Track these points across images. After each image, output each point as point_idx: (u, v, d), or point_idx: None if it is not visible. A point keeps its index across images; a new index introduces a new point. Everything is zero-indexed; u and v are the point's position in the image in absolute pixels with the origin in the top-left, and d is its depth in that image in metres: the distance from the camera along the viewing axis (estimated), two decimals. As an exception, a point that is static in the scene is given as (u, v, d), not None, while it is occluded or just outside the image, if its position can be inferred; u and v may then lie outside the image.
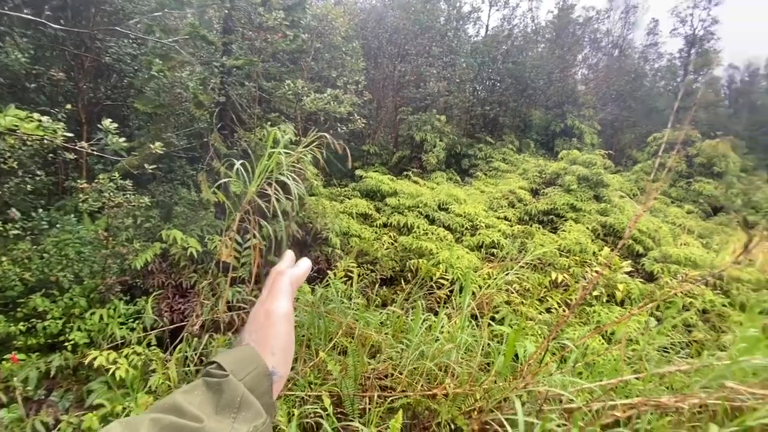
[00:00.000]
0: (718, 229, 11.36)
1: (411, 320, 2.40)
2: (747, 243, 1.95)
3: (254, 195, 2.00)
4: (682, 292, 6.60)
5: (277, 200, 1.98)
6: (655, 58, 30.10)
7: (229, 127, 6.50)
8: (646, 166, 14.93)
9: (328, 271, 3.52)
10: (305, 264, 0.73)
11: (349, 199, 9.78)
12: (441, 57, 15.01)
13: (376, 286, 5.79)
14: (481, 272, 6.18)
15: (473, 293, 4.34)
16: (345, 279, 3.39)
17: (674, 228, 10.77)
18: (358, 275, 3.96)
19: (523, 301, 6.51)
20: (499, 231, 8.80)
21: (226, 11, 6.30)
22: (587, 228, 9.19)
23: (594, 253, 8.69)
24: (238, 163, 2.04)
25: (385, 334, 2.34)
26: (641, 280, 7.67)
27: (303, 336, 2.33)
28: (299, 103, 7.33)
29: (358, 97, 9.18)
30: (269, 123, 6.46)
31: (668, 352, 2.77)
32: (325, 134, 2.36)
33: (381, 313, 2.70)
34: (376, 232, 8.69)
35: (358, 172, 10.99)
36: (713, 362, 1.87)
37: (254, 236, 2.17)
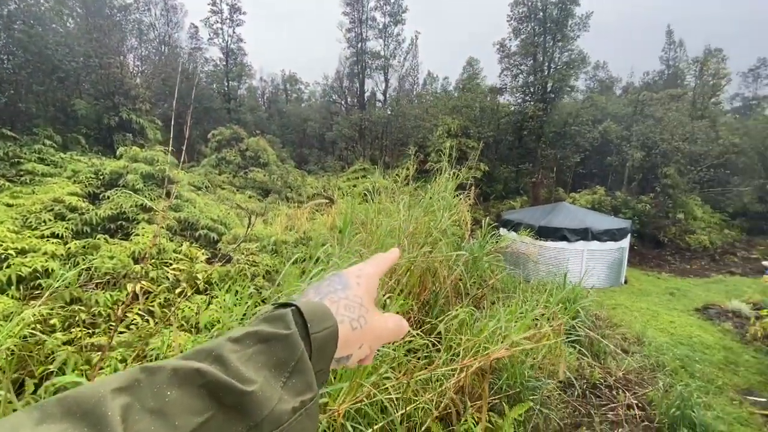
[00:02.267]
0: (270, 207, 14.62)
1: None
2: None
3: None
4: (248, 263, 7.66)
5: None
6: (203, 62, 33.28)
7: None
8: (212, 160, 16.50)
9: None
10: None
11: None
12: None
13: None
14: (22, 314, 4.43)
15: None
16: None
17: (241, 212, 12.66)
18: None
19: (92, 331, 5.32)
20: (46, 254, 6.72)
21: None
22: (162, 227, 8.88)
23: (174, 250, 8.54)
24: None
25: None
26: (220, 264, 8.40)
27: None
28: None
29: None
30: None
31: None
32: None
33: None
34: None
35: None
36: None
37: None
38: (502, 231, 13.92)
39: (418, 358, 2.76)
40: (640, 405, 5.40)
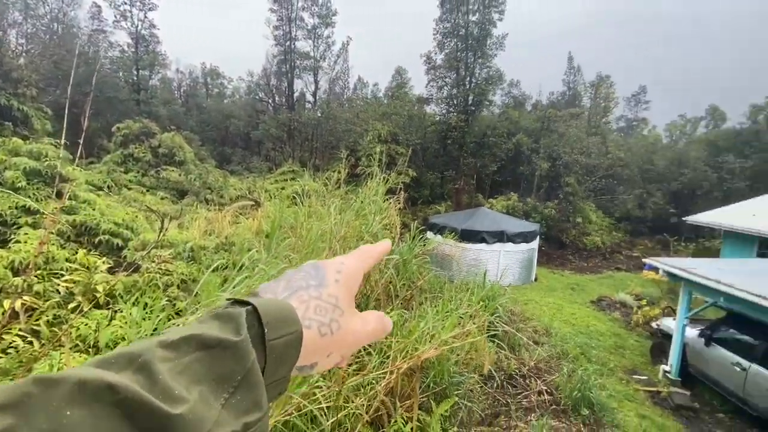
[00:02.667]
0: (187, 209, 13.43)
1: None
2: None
3: None
4: (160, 272, 6.96)
5: None
6: (107, 47, 29.58)
7: None
8: (116, 157, 14.69)
9: None
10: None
11: None
12: None
13: None
14: None
15: None
16: None
17: (152, 215, 11.44)
18: None
19: (-50, 360, 4.40)
20: None
21: None
22: (52, 232, 7.65)
23: (67, 259, 7.42)
24: None
25: None
26: (125, 273, 7.49)
27: None
28: None
29: None
30: None
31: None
32: None
33: None
34: None
35: None
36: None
37: None
38: (429, 234, 14.51)
39: (350, 364, 2.73)
40: (548, 391, 5.98)
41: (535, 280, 16.30)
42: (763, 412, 6.59)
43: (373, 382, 2.48)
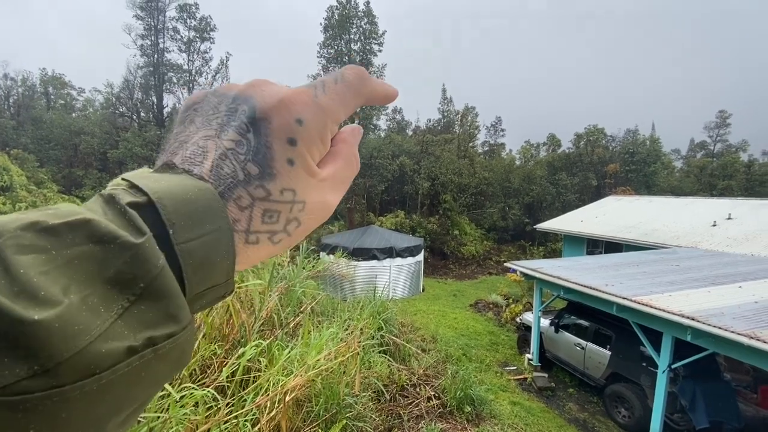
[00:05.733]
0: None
1: None
2: None
3: None
4: None
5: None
6: None
7: None
8: None
9: None
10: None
11: None
12: None
13: None
14: None
15: None
16: None
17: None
18: None
19: None
20: None
21: None
22: None
23: None
24: None
25: None
26: None
27: None
28: None
29: None
30: None
31: None
32: None
33: None
34: None
35: None
36: None
37: None
38: (322, 255, 14.38)
39: (205, 407, 2.47)
40: (436, 395, 6.36)
41: (423, 290, 17.42)
42: (598, 381, 8.15)
43: (247, 422, 2.30)
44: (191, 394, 2.11)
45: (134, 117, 30.99)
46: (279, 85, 0.36)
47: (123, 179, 0.29)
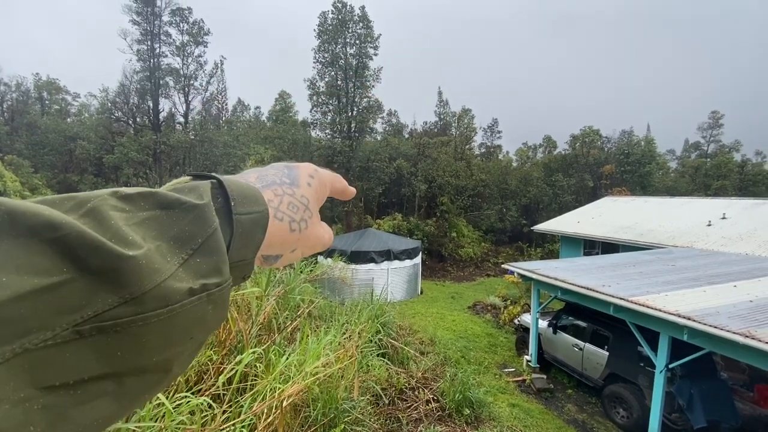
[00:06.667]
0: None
1: None
2: None
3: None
4: None
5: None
6: None
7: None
8: None
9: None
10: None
11: None
12: None
13: None
14: None
15: None
16: None
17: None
18: None
19: None
20: None
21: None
22: None
23: None
24: None
25: None
26: None
27: None
28: None
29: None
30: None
31: None
32: None
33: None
34: None
35: None
36: None
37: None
38: (320, 258, 14.35)
39: (201, 415, 2.46)
40: (435, 398, 6.35)
41: (421, 292, 17.41)
42: (596, 382, 8.16)
43: (244, 429, 2.29)
44: (187, 402, 2.10)
45: (130, 122, 30.88)
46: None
47: (189, 174, 0.40)
